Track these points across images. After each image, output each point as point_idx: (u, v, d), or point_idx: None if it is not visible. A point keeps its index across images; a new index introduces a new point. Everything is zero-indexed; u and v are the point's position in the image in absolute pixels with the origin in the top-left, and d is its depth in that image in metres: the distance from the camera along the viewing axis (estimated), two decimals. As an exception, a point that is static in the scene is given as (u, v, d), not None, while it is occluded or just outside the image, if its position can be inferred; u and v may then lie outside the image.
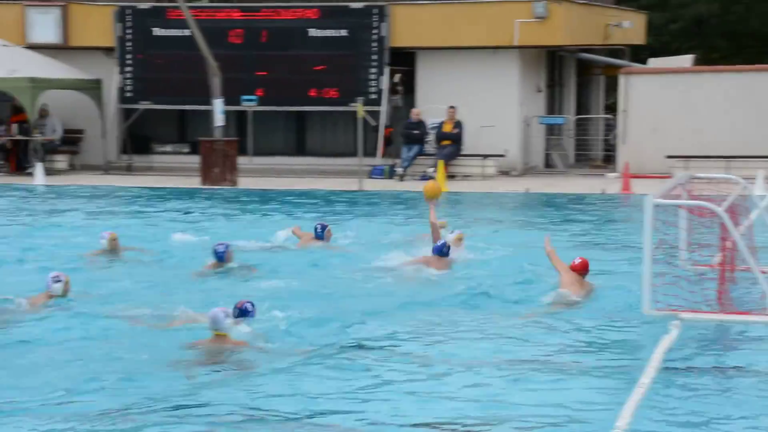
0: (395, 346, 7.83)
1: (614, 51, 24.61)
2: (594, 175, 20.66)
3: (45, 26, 21.45)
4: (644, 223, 8.42)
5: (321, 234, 11.75)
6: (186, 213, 15.63)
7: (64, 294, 8.89)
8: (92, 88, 21.21)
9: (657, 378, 6.70)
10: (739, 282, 9.20)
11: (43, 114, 20.92)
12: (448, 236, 11.10)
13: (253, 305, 8.03)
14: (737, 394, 6.58)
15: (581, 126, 22.51)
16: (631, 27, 22.96)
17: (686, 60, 22.68)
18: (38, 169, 19.39)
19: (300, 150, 22.12)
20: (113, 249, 11.24)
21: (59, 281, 8.89)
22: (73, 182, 19.42)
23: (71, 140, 21.60)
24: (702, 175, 10.39)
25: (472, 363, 7.32)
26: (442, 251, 10.46)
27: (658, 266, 8.66)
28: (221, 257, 10.36)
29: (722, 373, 7.07)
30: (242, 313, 7.99)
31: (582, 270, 9.13)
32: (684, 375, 6.96)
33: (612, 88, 24.09)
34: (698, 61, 25.32)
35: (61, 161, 21.20)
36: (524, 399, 6.49)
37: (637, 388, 6.30)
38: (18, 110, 20.83)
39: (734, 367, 7.21)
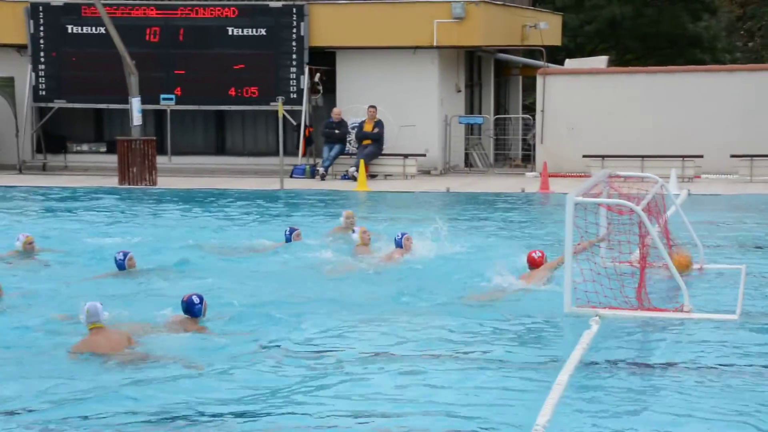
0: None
1: (531, 52, 24.98)
2: (513, 174, 20.98)
3: (-47, 23, 20.86)
4: (566, 221, 8.56)
5: (289, 237, 11.89)
6: (102, 213, 15.37)
7: None
8: (4, 86, 20.65)
9: (577, 374, 6.82)
10: (656, 279, 9.43)
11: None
12: (353, 235, 11.47)
13: (201, 298, 8.03)
14: (656, 390, 6.73)
15: (500, 126, 22.79)
16: (547, 28, 23.33)
17: (601, 61, 23.15)
18: (-52, 169, 18.96)
19: (220, 149, 21.92)
20: (28, 251, 11.11)
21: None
22: None
23: None
24: (621, 173, 10.62)
25: (395, 358, 7.39)
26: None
27: (578, 264, 8.82)
28: (121, 265, 10.33)
29: (641, 368, 7.22)
30: (188, 306, 8.00)
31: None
32: (603, 371, 7.08)
33: (530, 88, 24.44)
34: (612, 63, 25.91)
35: None
36: (443, 396, 6.55)
37: (556, 385, 6.39)
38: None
39: (653, 363, 7.37)
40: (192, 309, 7.99)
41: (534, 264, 9.69)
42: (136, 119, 18.99)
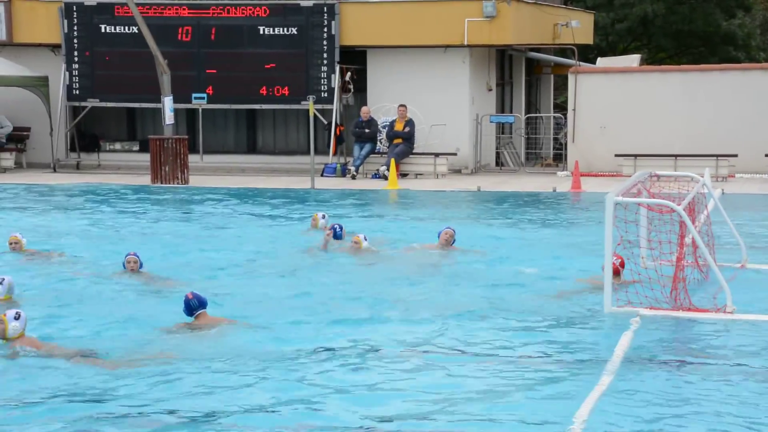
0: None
1: (563, 50, 24.87)
2: (544, 173, 20.90)
3: (-11, 22, 21.11)
4: (605, 220, 8.49)
5: (340, 234, 12.00)
6: (134, 212, 15.48)
7: None
8: (39, 85, 20.85)
9: (617, 374, 6.79)
10: (697, 279, 9.34)
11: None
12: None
13: (198, 299, 8.11)
14: (697, 391, 6.68)
15: (531, 124, 22.71)
16: (579, 26, 23.22)
17: (633, 59, 23.03)
18: (-16, 167, 19.21)
19: (251, 148, 22.01)
20: (16, 251, 11.17)
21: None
22: (20, 180, 19.10)
23: (18, 138, 21.25)
24: (662, 173, 10.53)
25: (429, 356, 7.40)
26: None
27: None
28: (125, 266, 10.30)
29: (682, 369, 7.18)
30: (187, 305, 8.09)
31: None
32: (643, 371, 7.04)
33: (561, 87, 24.36)
34: (645, 61, 25.72)
35: (7, 159, 20.85)
36: (486, 393, 6.55)
37: (596, 385, 6.38)
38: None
39: (694, 363, 7.31)
40: (202, 302, 8.12)
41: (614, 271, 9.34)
42: (169, 118, 19.08)
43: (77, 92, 21.05)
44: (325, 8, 20.46)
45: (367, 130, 20.19)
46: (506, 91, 23.31)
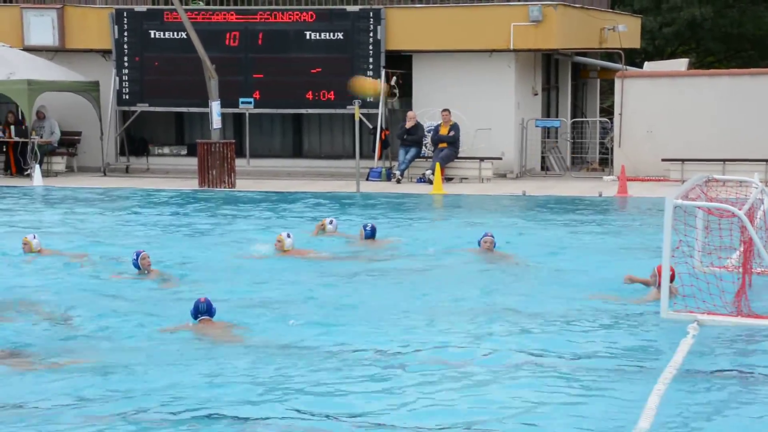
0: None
1: (610, 54, 24.75)
2: (590, 177, 20.82)
3: (42, 29, 21.50)
4: (664, 224, 8.42)
5: (371, 233, 12.28)
6: (184, 215, 15.70)
7: None
8: (90, 90, 21.25)
9: (675, 380, 6.70)
10: (757, 284, 9.20)
11: (41, 116, 20.98)
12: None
13: (207, 305, 8.27)
14: (757, 400, 6.56)
15: (577, 129, 22.63)
16: (626, 31, 23.10)
17: (681, 63, 22.84)
18: (36, 171, 19.50)
19: (297, 152, 22.21)
20: (29, 252, 11.48)
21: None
22: (71, 184, 19.47)
23: (69, 142, 21.67)
24: (719, 177, 10.41)
25: (488, 360, 7.40)
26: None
27: (676, 268, 8.69)
28: (135, 265, 10.50)
29: (741, 377, 7.07)
30: (195, 308, 8.25)
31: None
32: (702, 377, 6.97)
33: (607, 91, 24.25)
34: (693, 65, 25.47)
35: (59, 163, 21.27)
36: (544, 400, 6.53)
37: (654, 392, 6.30)
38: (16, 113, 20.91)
39: (754, 372, 7.19)
40: (210, 309, 8.28)
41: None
42: (216, 122, 19.32)
43: (127, 97, 21.42)
44: (371, 13, 20.59)
45: (411, 135, 20.27)
46: (552, 96, 23.26)
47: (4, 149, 20.93)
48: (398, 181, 19.98)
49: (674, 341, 7.62)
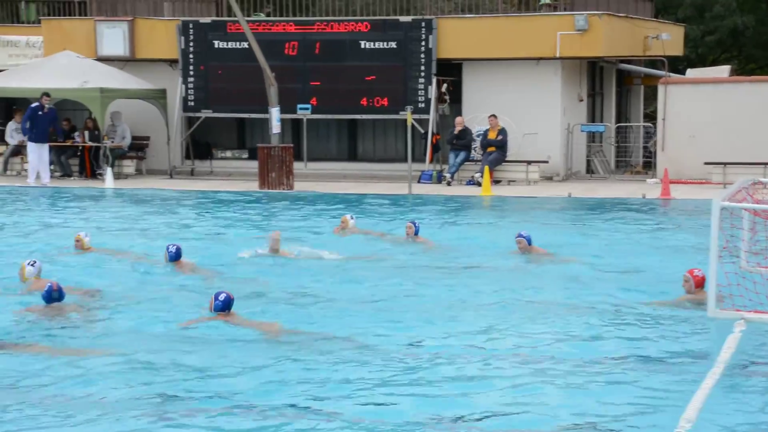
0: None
1: (653, 61, 25.26)
2: (634, 180, 21.20)
3: (114, 40, 22.40)
4: (711, 225, 8.46)
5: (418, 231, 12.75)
6: (243, 215, 16.22)
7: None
8: (157, 97, 22.09)
9: (722, 376, 6.72)
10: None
11: (114, 122, 21.94)
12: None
13: (226, 297, 8.40)
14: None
15: (621, 133, 23.15)
16: (669, 39, 23.59)
17: (723, 70, 23.22)
18: (108, 173, 20.46)
19: (352, 156, 22.82)
20: (80, 248, 11.81)
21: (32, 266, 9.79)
22: (139, 186, 20.24)
23: (138, 146, 22.48)
24: (765, 180, 10.46)
25: (535, 358, 7.50)
26: None
27: (723, 267, 8.59)
28: (173, 257, 10.80)
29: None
30: (226, 301, 8.42)
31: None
32: (747, 375, 7.01)
33: (651, 97, 24.76)
34: (735, 72, 25.84)
35: (129, 166, 22.10)
36: (590, 396, 6.63)
37: (700, 389, 6.33)
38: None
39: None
40: (229, 303, 8.38)
41: (698, 283, 9.22)
42: (275, 128, 19.95)
43: (192, 104, 22.27)
44: (423, 23, 21.27)
45: (460, 140, 20.91)
46: (597, 101, 23.74)
47: (79, 153, 22.11)
48: (448, 184, 20.59)
49: (721, 339, 7.60)
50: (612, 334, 8.32)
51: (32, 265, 9.82)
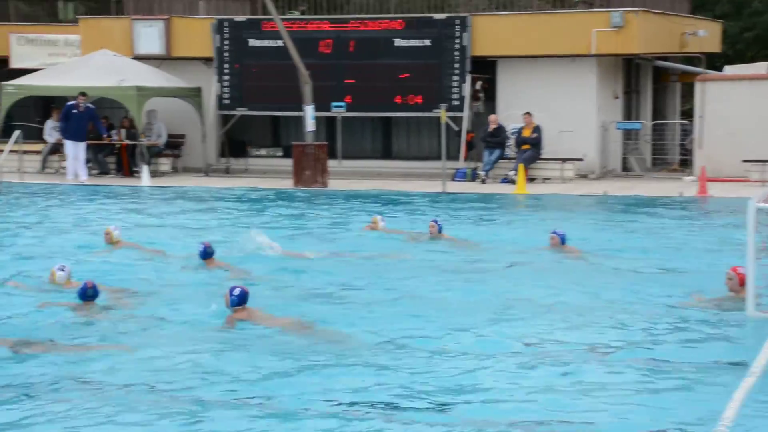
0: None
1: (690, 58, 25.06)
2: (670, 178, 21.07)
3: (150, 38, 22.68)
4: (748, 226, 8.49)
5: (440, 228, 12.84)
6: (277, 212, 16.37)
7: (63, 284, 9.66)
8: (193, 95, 22.32)
9: (763, 375, 6.53)
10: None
11: (150, 120, 22.19)
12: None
13: (241, 291, 8.42)
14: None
15: (658, 131, 23.00)
16: (706, 36, 23.40)
17: (761, 67, 23.00)
18: (144, 171, 20.71)
19: (386, 154, 22.88)
20: (110, 242, 11.91)
21: (62, 270, 9.76)
22: (175, 183, 20.46)
23: (174, 144, 22.72)
24: None
25: (567, 357, 7.52)
26: None
27: (762, 268, 8.58)
28: (203, 255, 10.82)
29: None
30: (241, 296, 8.42)
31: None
32: None
33: (687, 94, 24.56)
34: (773, 69, 25.49)
35: (165, 164, 22.34)
36: (624, 397, 6.66)
37: (739, 389, 6.06)
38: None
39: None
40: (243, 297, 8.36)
41: (742, 281, 9.09)
42: (310, 126, 20.08)
43: (227, 102, 22.45)
44: (458, 21, 21.30)
45: (494, 137, 20.93)
46: (633, 99, 23.61)
47: (116, 151, 22.36)
48: (483, 182, 20.60)
49: (761, 338, 7.49)
50: (648, 332, 8.31)
51: (62, 269, 9.83)
